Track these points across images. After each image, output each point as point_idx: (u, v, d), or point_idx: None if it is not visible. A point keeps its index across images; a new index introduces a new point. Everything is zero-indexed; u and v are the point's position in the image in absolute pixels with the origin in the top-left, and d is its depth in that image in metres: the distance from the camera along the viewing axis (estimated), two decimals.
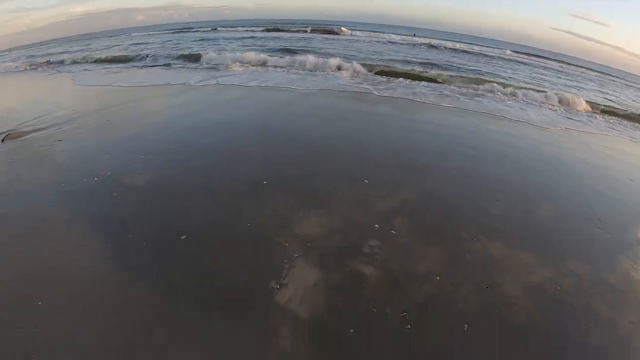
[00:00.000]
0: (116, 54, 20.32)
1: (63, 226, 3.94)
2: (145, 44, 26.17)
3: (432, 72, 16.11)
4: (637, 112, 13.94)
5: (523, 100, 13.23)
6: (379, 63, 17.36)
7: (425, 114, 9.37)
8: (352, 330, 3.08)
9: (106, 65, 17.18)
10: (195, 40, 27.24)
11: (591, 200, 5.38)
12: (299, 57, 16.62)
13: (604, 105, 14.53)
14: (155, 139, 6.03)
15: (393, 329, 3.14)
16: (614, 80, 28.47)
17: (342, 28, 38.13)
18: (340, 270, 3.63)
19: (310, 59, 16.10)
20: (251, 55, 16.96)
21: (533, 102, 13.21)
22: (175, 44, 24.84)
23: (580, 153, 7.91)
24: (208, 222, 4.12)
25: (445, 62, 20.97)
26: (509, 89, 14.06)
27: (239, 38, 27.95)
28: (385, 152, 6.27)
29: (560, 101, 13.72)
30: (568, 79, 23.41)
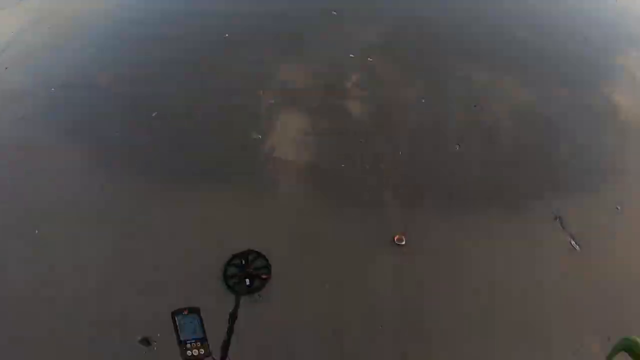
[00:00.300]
0: None
1: (38, 142, 3.22)
2: None
3: None
4: None
5: None
6: None
7: None
8: (343, 165, 2.99)
9: None
10: None
11: (576, 22, 5.05)
12: None
13: None
14: (103, 27, 4.80)
15: (384, 156, 3.07)
16: None
17: None
18: (321, 108, 3.37)
19: None
20: None
21: None
22: None
23: None
24: (177, 92, 3.54)
25: None
26: None
27: None
28: None
29: None
30: None
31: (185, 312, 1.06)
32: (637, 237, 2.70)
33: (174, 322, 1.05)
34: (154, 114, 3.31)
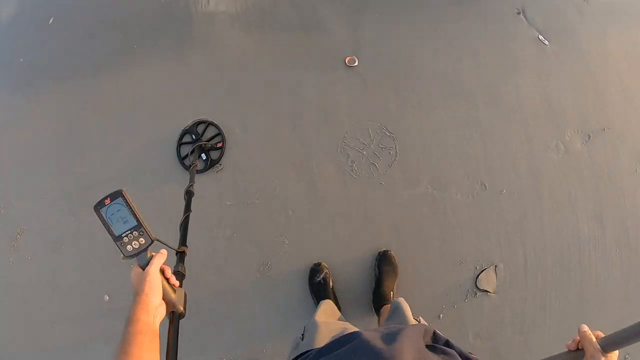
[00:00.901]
0: None
1: None
2: None
3: None
4: None
5: None
6: None
7: None
8: None
9: None
10: None
11: None
12: None
13: None
14: None
15: None
16: None
17: None
18: None
19: None
20: None
21: None
22: None
23: None
24: None
25: None
26: None
27: None
28: None
29: None
30: None
31: (108, 202, 0.84)
32: (608, 27, 2.32)
33: (100, 218, 0.83)
34: (50, 21, 2.67)
